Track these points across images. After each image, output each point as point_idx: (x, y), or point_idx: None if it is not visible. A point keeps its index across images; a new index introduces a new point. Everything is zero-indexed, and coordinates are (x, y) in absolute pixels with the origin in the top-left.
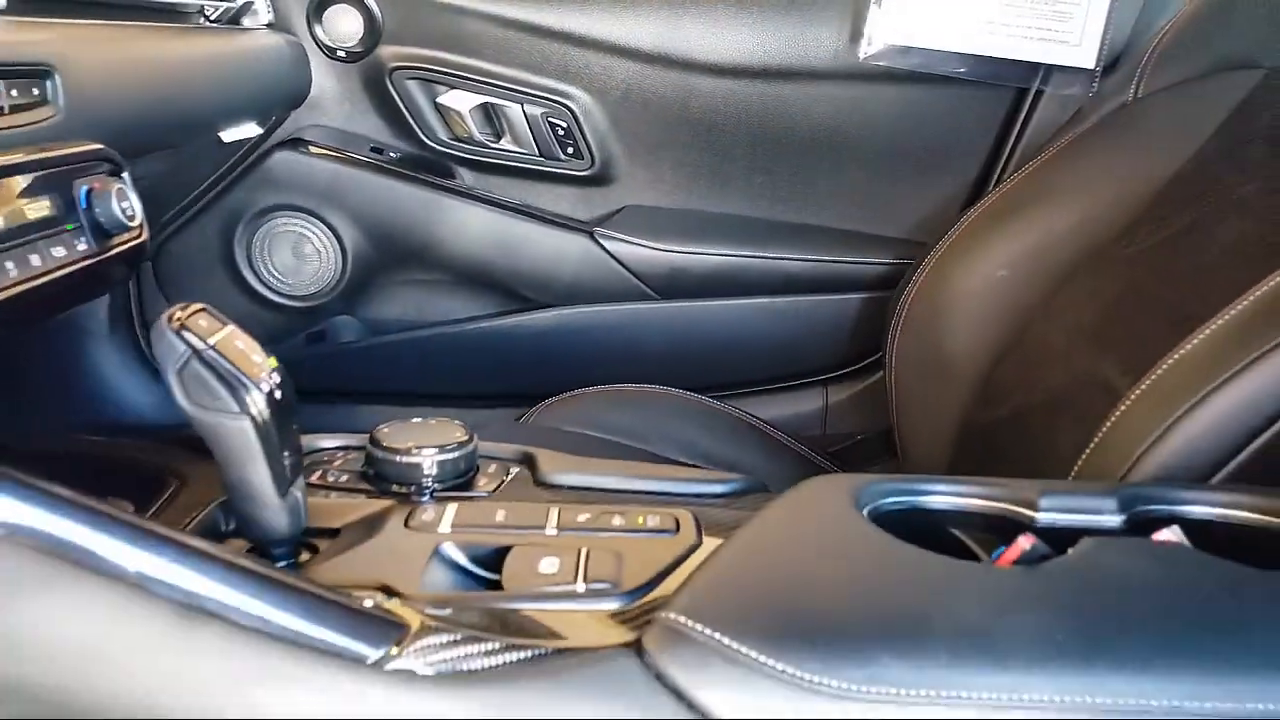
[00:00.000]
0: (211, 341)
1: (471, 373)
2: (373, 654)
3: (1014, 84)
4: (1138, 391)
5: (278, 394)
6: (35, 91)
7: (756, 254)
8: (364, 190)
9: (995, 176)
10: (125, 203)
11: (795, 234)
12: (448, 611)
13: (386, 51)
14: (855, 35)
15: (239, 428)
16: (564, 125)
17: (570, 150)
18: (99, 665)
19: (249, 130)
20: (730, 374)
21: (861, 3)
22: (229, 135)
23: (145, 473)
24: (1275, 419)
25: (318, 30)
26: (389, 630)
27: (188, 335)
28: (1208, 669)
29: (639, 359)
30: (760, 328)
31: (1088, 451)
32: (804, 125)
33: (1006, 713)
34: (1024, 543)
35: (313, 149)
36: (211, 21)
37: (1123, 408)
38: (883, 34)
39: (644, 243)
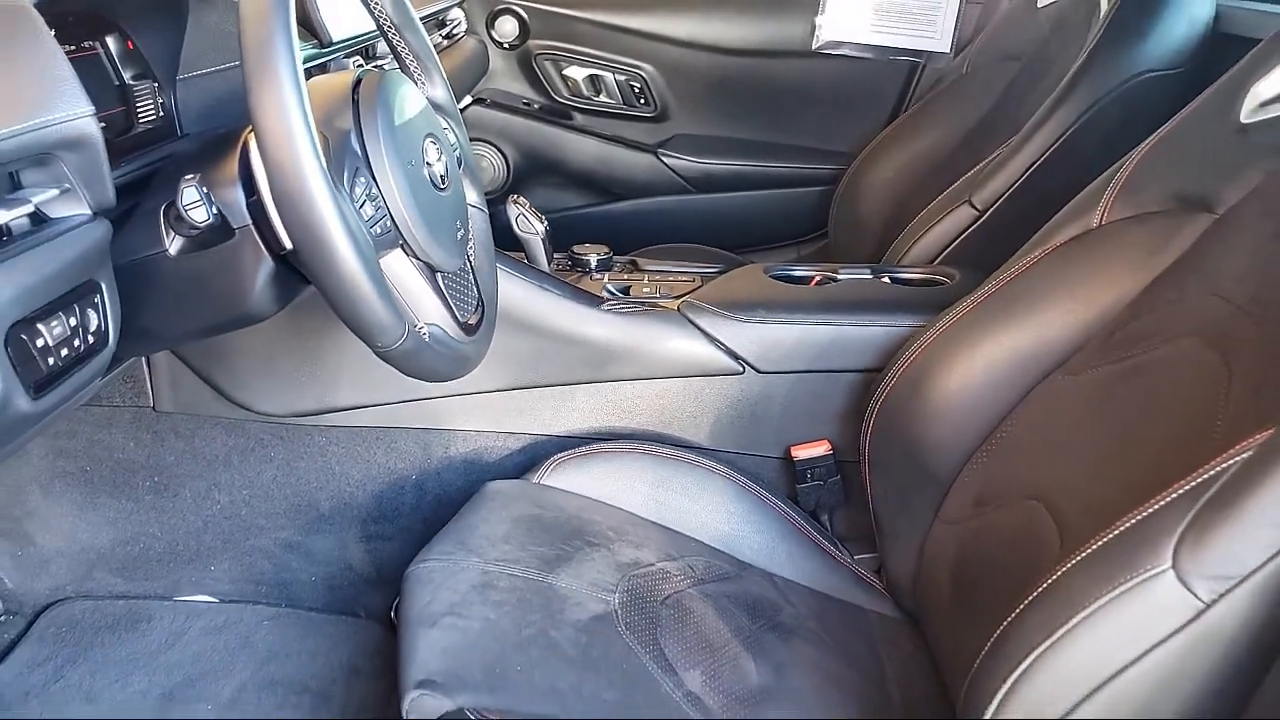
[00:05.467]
0: (525, 207)
1: (583, 238)
2: (595, 302)
3: (907, 60)
4: (920, 213)
5: (547, 227)
6: None
7: (756, 163)
8: (520, 128)
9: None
10: None
11: (779, 150)
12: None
13: (533, 43)
14: (811, 31)
15: (535, 240)
16: (638, 86)
17: (642, 101)
18: (525, 307)
19: (467, 100)
20: (738, 238)
21: (815, 11)
22: (461, 105)
23: None
24: (949, 246)
25: (492, 32)
26: (597, 299)
27: (518, 203)
28: (883, 312)
29: (683, 229)
30: (758, 208)
31: (889, 247)
32: (784, 84)
33: (799, 325)
34: (819, 278)
35: (490, 104)
36: (444, 38)
37: (914, 220)
38: (826, 33)
39: (687, 157)
